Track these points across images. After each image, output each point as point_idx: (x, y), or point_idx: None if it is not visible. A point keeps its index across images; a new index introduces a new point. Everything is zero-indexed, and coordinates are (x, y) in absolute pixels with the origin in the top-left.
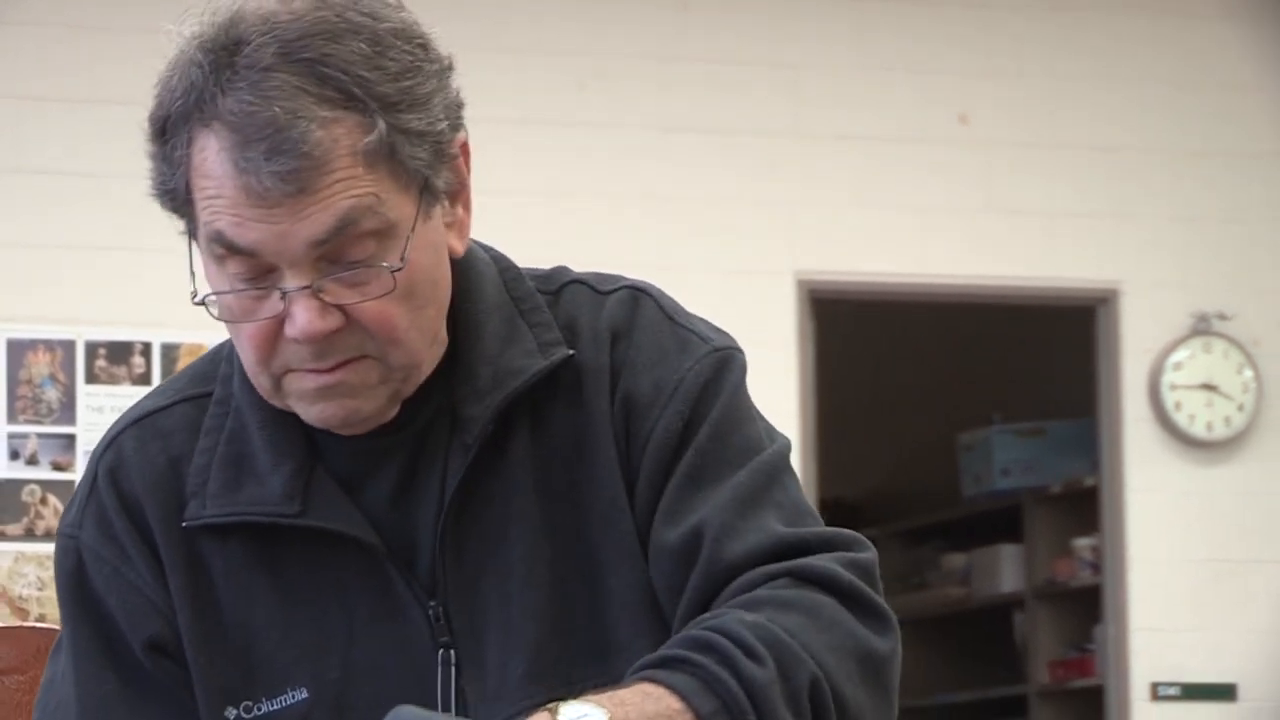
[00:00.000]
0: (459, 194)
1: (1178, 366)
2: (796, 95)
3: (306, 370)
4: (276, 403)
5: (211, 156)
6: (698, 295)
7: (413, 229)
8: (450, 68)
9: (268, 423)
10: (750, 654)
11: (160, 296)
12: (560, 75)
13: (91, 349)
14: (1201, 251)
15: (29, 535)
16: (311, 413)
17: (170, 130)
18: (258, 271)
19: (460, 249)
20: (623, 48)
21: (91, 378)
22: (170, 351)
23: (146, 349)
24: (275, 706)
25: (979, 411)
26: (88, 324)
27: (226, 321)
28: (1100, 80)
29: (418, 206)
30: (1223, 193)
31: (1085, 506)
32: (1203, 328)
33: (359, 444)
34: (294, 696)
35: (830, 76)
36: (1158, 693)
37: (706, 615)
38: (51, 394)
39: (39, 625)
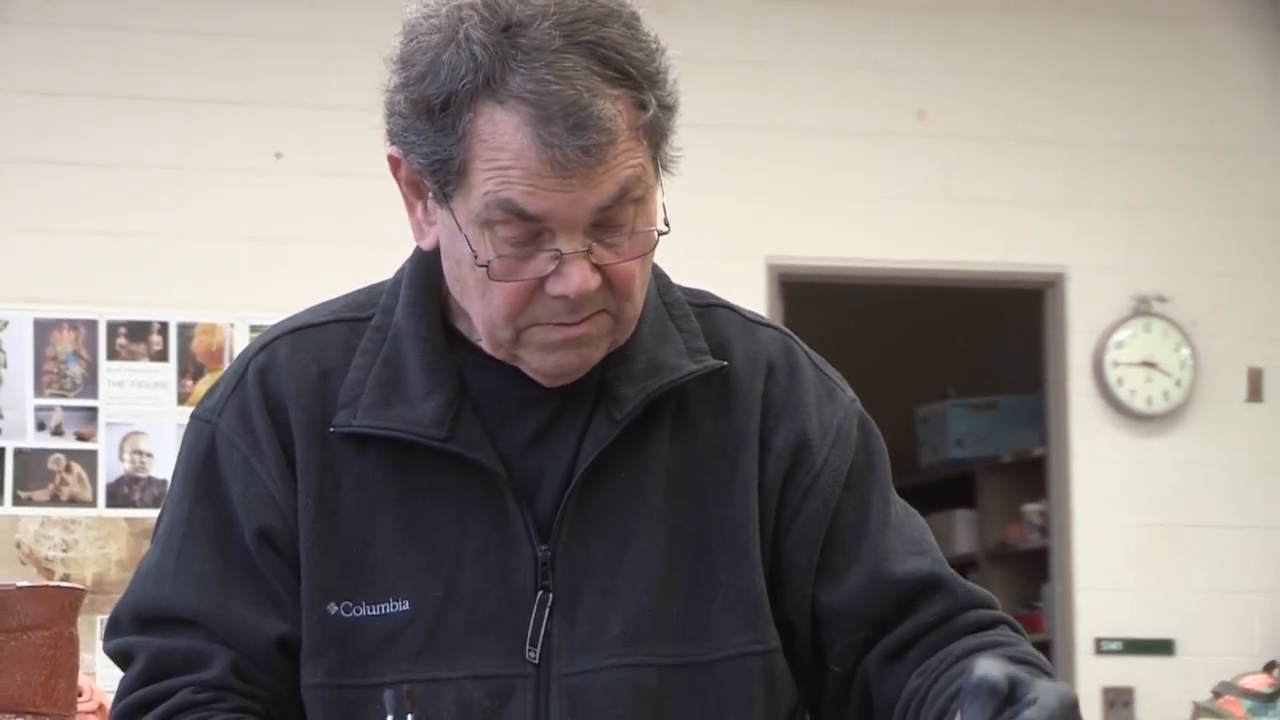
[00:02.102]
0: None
1: (1120, 345)
2: (767, 92)
3: (556, 324)
4: (501, 354)
5: (506, 130)
6: (675, 278)
7: (661, 193)
8: (665, 47)
9: (427, 354)
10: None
11: (176, 279)
12: None
13: (112, 328)
14: (1142, 238)
15: (54, 500)
16: (549, 361)
17: (454, 105)
18: (529, 236)
19: None
20: None
21: (112, 355)
22: (186, 330)
23: (164, 328)
24: (375, 612)
25: (935, 387)
26: (109, 305)
27: (493, 281)
28: (1048, 79)
29: (658, 173)
30: (1162, 184)
31: (1034, 475)
32: (1143, 309)
33: (510, 391)
34: (395, 606)
35: (799, 74)
36: (1101, 647)
37: (996, 635)
38: (75, 370)
39: (63, 585)
